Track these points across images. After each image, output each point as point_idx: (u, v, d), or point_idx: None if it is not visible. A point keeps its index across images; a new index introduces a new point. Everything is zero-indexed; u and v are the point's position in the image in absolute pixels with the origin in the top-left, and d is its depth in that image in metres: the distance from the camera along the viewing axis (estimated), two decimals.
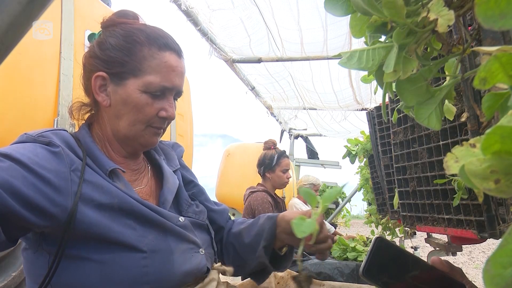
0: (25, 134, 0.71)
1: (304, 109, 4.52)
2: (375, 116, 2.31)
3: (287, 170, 2.59)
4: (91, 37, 0.82)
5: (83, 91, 0.83)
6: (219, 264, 0.87)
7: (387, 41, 0.46)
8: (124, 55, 0.75)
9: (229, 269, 0.85)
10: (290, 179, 2.63)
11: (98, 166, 0.74)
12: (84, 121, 0.84)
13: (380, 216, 3.15)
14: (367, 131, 3.12)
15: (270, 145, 2.65)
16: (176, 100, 0.84)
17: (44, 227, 0.66)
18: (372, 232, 3.32)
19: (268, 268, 0.88)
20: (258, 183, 2.66)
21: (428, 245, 2.17)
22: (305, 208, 3.84)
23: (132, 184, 0.83)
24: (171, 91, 0.79)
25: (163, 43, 0.78)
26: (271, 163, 2.55)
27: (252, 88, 3.84)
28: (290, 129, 5.87)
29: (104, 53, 0.76)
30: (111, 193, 0.71)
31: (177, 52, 0.80)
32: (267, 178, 2.60)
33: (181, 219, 0.82)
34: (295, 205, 3.82)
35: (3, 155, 0.62)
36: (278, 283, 1.23)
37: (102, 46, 0.77)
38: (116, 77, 0.76)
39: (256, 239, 0.89)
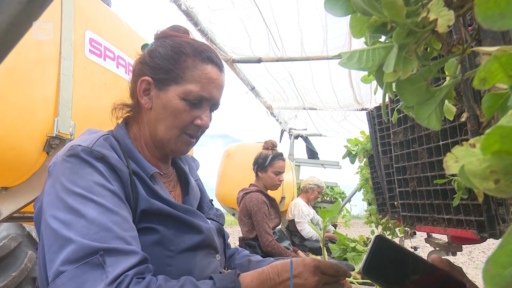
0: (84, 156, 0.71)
1: (304, 109, 4.51)
2: (375, 116, 2.31)
3: (280, 172, 2.58)
4: (144, 47, 0.90)
5: (129, 94, 0.89)
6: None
7: (387, 41, 0.46)
8: (169, 64, 0.81)
9: None
10: (282, 181, 2.62)
11: (141, 169, 0.79)
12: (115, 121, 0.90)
13: (380, 216, 3.15)
14: (367, 131, 3.12)
15: (268, 146, 2.65)
16: (213, 112, 0.89)
17: None
18: (372, 232, 3.31)
19: None
20: (251, 184, 2.67)
21: (428, 245, 2.17)
22: (306, 209, 3.82)
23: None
24: (208, 101, 0.84)
25: (207, 56, 0.83)
26: (263, 162, 2.56)
27: (252, 88, 3.83)
28: (290, 129, 5.86)
29: (153, 60, 0.83)
30: (155, 196, 0.78)
31: (219, 66, 0.86)
32: (259, 177, 2.62)
33: (208, 221, 0.88)
34: (297, 205, 3.81)
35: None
36: None
37: (152, 54, 0.84)
38: (159, 82, 0.82)
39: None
